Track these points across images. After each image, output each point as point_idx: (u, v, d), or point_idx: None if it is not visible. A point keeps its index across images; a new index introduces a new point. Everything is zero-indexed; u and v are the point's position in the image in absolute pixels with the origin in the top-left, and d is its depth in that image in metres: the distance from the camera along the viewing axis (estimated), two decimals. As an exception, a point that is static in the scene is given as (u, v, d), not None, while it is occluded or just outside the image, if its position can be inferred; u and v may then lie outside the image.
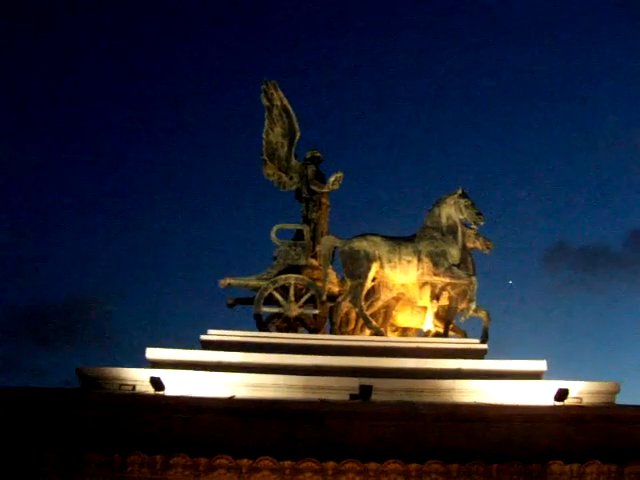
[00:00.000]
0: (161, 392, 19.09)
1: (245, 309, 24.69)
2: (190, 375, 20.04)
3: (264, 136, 25.78)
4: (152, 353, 21.46)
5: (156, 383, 19.08)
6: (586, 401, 20.11)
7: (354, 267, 23.53)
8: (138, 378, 19.84)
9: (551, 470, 17.48)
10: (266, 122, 25.71)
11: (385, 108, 66.78)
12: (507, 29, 63.36)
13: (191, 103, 67.95)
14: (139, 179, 68.35)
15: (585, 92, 65.21)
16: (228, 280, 24.43)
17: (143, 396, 19.16)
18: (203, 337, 22.68)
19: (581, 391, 20.27)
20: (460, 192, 23.97)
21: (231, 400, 18.89)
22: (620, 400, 20.86)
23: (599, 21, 62.11)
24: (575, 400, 19.88)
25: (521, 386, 20.44)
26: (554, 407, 19.41)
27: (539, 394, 20.01)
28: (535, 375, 21.52)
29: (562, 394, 19.52)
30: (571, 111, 64.83)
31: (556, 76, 65.14)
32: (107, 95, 66.70)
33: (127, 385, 19.87)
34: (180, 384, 19.54)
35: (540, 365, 21.89)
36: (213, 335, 22.72)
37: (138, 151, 67.63)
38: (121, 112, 68.82)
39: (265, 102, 25.60)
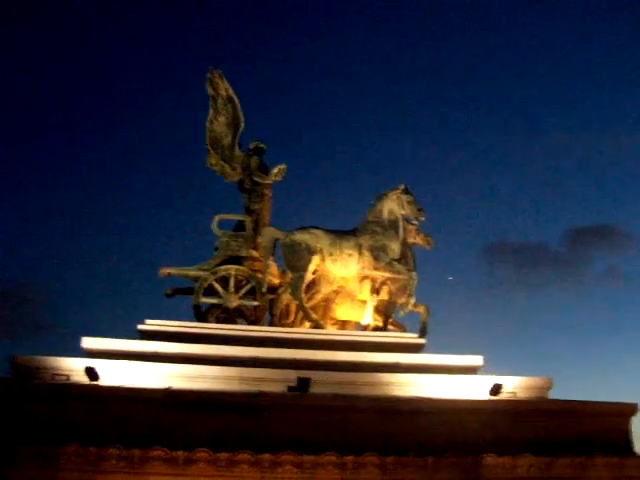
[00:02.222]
0: (96, 382, 18.78)
1: (184, 299, 24.46)
2: (126, 365, 19.73)
3: (208, 125, 25.51)
4: (88, 342, 21.05)
5: (91, 373, 18.79)
6: (520, 395, 20.54)
7: (295, 259, 23.50)
8: (73, 368, 19.44)
9: (485, 462, 17.82)
10: (210, 111, 25.44)
11: (328, 102, 66.85)
12: (448, 25, 63.97)
13: (134, 90, 66.85)
14: (77, 165, 66.95)
15: (524, 93, 66.46)
16: (168, 270, 24.16)
17: (77, 386, 18.79)
18: (140, 327, 22.37)
19: (515, 386, 20.72)
20: (402, 188, 24.15)
21: (168, 391, 18.67)
22: (553, 395, 21.37)
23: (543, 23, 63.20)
24: (509, 394, 20.29)
25: (458, 380, 20.74)
26: (489, 401, 19.75)
27: (475, 388, 20.33)
28: (471, 370, 21.88)
29: (497, 389, 19.93)
30: (510, 111, 66.02)
31: (497, 76, 66.24)
32: (41, 81, 64.85)
33: (61, 375, 19.44)
34: (116, 374, 19.24)
35: (476, 360, 22.26)
36: (151, 325, 22.43)
37: (78, 136, 66.22)
38: (63, 97, 67.11)
39: (210, 91, 25.32)
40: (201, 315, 23.64)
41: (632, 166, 64.30)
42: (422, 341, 23.31)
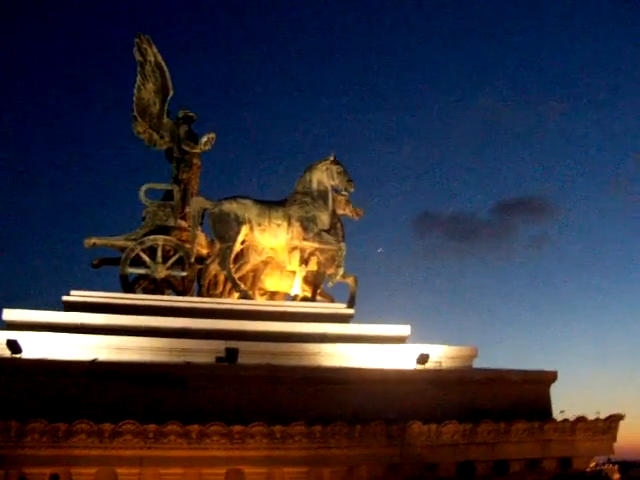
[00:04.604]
0: (18, 355, 18.32)
1: (111, 270, 24.06)
2: (50, 337, 19.31)
3: (136, 92, 24.93)
4: (9, 314, 20.49)
5: (13, 346, 18.29)
6: (445, 365, 20.98)
7: (223, 230, 23.32)
8: (-7, 340, 18.93)
9: (411, 430, 18.16)
10: (138, 77, 24.85)
11: (259, 70, 66.29)
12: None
13: (59, 55, 64.89)
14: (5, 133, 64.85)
15: (456, 64, 67.19)
16: (94, 240, 23.69)
17: (-2, 359, 18.33)
18: (65, 298, 21.91)
19: (441, 355, 21.15)
20: (332, 158, 24.14)
21: (93, 363, 18.37)
22: (478, 363, 21.93)
23: None
24: (435, 364, 20.67)
25: (385, 350, 21.03)
26: (416, 370, 20.09)
27: (402, 358, 20.64)
28: (399, 339, 22.21)
29: (423, 358, 20.26)
30: (442, 82, 66.70)
31: (427, 42, 66.75)
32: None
33: (-20, 348, 18.91)
34: (40, 347, 18.82)
35: (404, 330, 22.59)
36: (76, 296, 21.99)
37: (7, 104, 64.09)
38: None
39: (138, 57, 24.72)
40: (128, 286, 23.31)
41: (558, 139, 66.04)
42: (350, 311, 23.52)
